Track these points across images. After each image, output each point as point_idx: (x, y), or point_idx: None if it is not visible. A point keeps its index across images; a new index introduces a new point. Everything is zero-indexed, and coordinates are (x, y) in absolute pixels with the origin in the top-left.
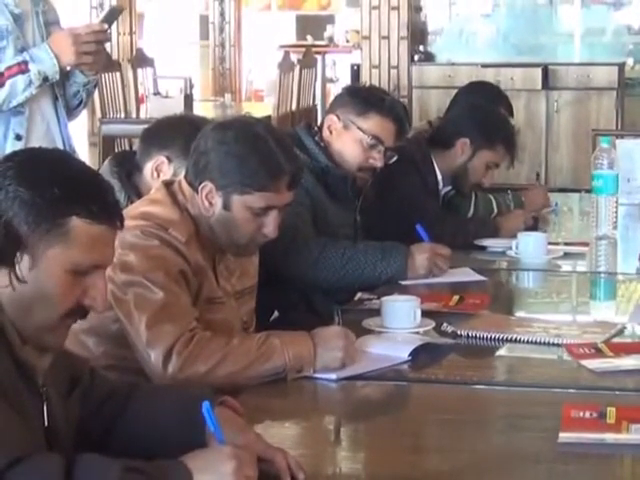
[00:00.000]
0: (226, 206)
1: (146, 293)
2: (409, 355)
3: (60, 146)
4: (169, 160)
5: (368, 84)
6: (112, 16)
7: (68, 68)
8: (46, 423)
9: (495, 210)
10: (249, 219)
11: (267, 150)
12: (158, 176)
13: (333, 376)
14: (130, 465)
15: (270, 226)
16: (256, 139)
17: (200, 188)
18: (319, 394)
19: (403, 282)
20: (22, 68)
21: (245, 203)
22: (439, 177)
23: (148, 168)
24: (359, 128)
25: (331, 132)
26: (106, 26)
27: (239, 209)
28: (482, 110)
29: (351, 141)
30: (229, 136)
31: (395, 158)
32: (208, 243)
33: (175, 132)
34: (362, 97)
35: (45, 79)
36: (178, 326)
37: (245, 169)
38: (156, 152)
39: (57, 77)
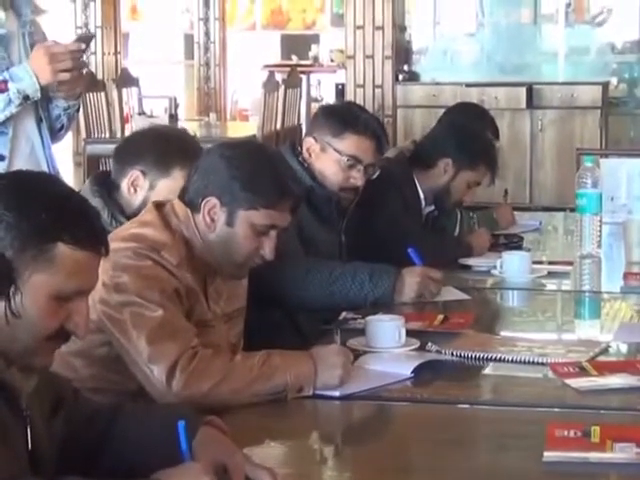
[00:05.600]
0: (229, 222)
1: (143, 312)
2: (412, 372)
3: (44, 167)
4: (143, 174)
5: (345, 102)
6: (86, 39)
7: (52, 94)
8: (30, 446)
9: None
10: (250, 237)
11: (277, 169)
12: (135, 191)
13: (336, 393)
14: None
15: (267, 248)
16: (266, 158)
17: (203, 204)
18: (305, 414)
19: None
20: (1, 87)
21: (249, 219)
22: (421, 196)
23: (125, 185)
24: (336, 150)
25: (310, 154)
26: (83, 45)
27: (242, 225)
28: (464, 130)
29: (330, 162)
30: (238, 153)
31: (377, 173)
32: (200, 265)
33: (145, 145)
34: (336, 118)
35: (26, 98)
36: (179, 343)
37: (254, 185)
38: (130, 168)
39: (38, 95)
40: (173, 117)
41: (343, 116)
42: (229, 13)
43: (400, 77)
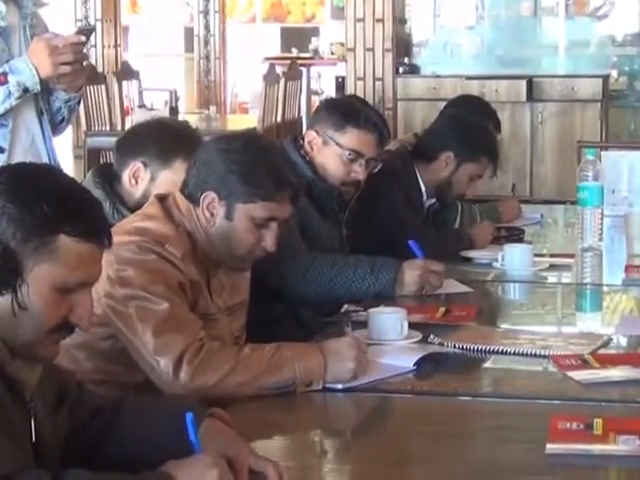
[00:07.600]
0: (228, 216)
1: (149, 305)
2: (414, 364)
3: (45, 160)
4: (145, 165)
5: (347, 96)
6: (87, 31)
7: (53, 86)
8: (34, 438)
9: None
10: (250, 230)
11: (273, 161)
12: (136, 182)
13: (338, 385)
14: (117, 479)
15: (269, 240)
16: (263, 150)
17: (202, 198)
18: (308, 406)
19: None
20: (1, 80)
21: (248, 212)
22: (423, 189)
23: (126, 176)
24: (337, 144)
25: (312, 147)
26: (83, 38)
27: (241, 219)
28: (465, 123)
29: (331, 156)
30: (235, 146)
31: (379, 167)
32: (203, 258)
33: (147, 137)
34: (338, 112)
35: (25, 90)
36: (186, 335)
37: (251, 178)
38: (132, 159)
39: (38, 88)
40: (173, 110)
41: (345, 110)
42: (229, 6)
43: (400, 70)
